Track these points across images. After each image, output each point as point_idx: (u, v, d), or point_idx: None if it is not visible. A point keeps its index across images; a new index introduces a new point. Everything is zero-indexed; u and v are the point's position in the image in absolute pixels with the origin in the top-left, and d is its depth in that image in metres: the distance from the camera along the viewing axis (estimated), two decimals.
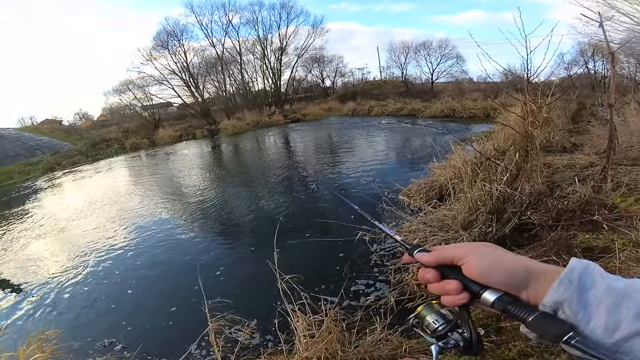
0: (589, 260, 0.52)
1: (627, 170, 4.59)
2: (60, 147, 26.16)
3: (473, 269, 0.57)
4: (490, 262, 0.57)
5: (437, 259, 0.62)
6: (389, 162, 9.52)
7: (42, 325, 3.99)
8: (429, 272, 0.63)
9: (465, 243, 0.62)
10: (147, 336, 3.64)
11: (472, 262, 0.58)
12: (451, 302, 0.60)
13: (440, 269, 0.62)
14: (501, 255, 0.58)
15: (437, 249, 0.65)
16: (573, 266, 0.51)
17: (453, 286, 0.59)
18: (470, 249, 0.60)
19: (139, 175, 13.29)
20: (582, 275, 0.50)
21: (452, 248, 0.62)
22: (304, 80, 36.91)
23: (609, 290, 0.48)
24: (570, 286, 0.49)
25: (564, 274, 0.51)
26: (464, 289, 0.58)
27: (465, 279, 0.58)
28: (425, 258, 0.64)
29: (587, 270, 0.51)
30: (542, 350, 2.22)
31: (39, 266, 5.95)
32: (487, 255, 0.58)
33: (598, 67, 20.21)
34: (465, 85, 26.19)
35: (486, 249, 0.60)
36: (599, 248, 3.18)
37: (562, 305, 0.49)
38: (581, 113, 10.61)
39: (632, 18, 7.05)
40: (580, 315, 0.48)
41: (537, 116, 4.36)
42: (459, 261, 0.59)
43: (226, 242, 5.77)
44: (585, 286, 0.49)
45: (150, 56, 28.40)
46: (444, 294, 0.60)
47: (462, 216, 4.10)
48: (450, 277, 0.60)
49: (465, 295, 0.58)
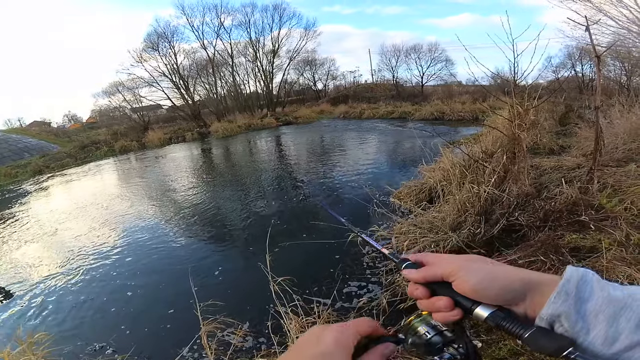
0: (585, 268, 0.51)
1: (613, 172, 4.67)
2: (48, 150, 25.81)
3: (465, 286, 0.55)
4: (482, 278, 0.55)
5: (426, 277, 0.60)
6: (379, 165, 9.57)
7: (32, 328, 3.94)
8: (418, 288, 0.61)
9: (455, 256, 0.61)
10: (139, 340, 3.61)
11: (463, 279, 0.56)
12: (443, 318, 0.57)
13: (430, 285, 0.60)
14: (493, 270, 0.56)
15: (426, 262, 0.63)
16: (569, 276, 0.50)
17: (444, 303, 0.57)
18: (460, 265, 0.58)
19: (128, 178, 13.17)
20: (579, 285, 0.49)
21: (441, 264, 0.60)
22: (296, 83, 36.96)
23: (608, 300, 0.47)
24: (568, 298, 0.48)
25: (561, 286, 0.49)
26: (456, 305, 0.57)
27: (457, 295, 0.57)
28: (413, 275, 0.62)
29: (584, 279, 0.50)
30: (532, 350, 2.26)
31: (28, 270, 5.86)
32: (479, 271, 0.56)
33: (586, 70, 20.62)
34: (454, 88, 26.41)
35: (477, 264, 0.58)
36: (586, 248, 3.23)
37: (560, 318, 0.48)
38: (569, 115, 10.77)
39: (618, 22, 7.20)
40: (579, 326, 0.47)
41: (524, 119, 4.43)
42: (449, 278, 0.58)
43: (218, 244, 5.75)
44: (583, 297, 0.48)
45: (141, 58, 28.10)
46: (435, 311, 0.58)
47: (451, 218, 4.15)
48: (441, 293, 0.59)
49: (458, 311, 0.56)
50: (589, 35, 4.10)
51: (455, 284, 0.57)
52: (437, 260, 0.62)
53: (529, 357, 2.21)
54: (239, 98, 31.55)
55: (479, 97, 18.01)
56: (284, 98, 34.46)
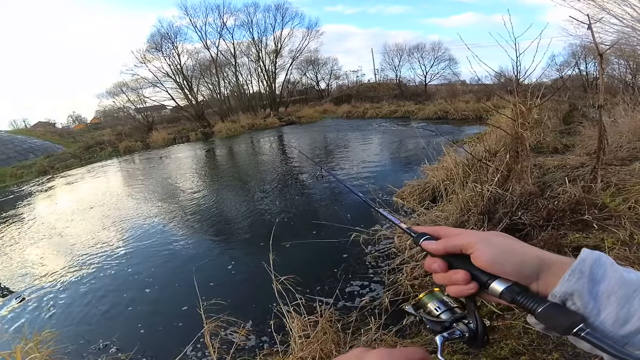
0: (600, 252, 0.51)
1: (617, 170, 4.64)
2: (53, 150, 25.97)
3: (482, 258, 0.55)
4: (500, 251, 0.55)
5: (446, 248, 0.60)
6: (383, 164, 9.57)
7: (39, 327, 3.98)
8: (436, 261, 0.61)
9: (473, 231, 0.61)
10: (142, 338, 3.64)
11: (482, 250, 0.55)
12: (458, 292, 0.57)
13: (447, 258, 0.60)
14: (512, 245, 0.56)
15: (444, 234, 0.63)
16: (585, 257, 0.50)
17: (461, 276, 0.57)
18: (479, 237, 0.58)
19: (133, 179, 13.23)
20: (593, 267, 0.49)
21: (460, 236, 0.60)
22: (299, 83, 37.12)
23: (621, 282, 0.47)
24: (582, 277, 0.48)
25: (575, 265, 0.49)
26: (472, 279, 0.56)
27: (474, 268, 0.56)
28: (432, 246, 0.62)
29: (598, 261, 0.49)
30: (534, 349, 2.26)
31: (34, 270, 5.91)
32: (498, 244, 0.56)
33: (590, 69, 20.46)
34: (458, 87, 26.36)
35: (497, 238, 0.58)
36: (590, 247, 3.19)
37: (573, 297, 0.48)
38: (572, 114, 10.69)
39: (621, 20, 7.15)
40: (590, 307, 0.47)
41: (527, 118, 4.42)
42: (467, 250, 0.57)
43: (222, 244, 5.77)
44: (596, 277, 0.48)
45: (144, 58, 28.24)
46: (451, 284, 0.58)
47: (454, 217, 4.15)
48: (458, 267, 0.58)
49: (474, 285, 0.56)
50: (592, 33, 4.08)
51: (474, 256, 0.56)
52: (456, 232, 0.62)
53: (530, 356, 2.21)
54: (242, 98, 31.64)
55: (483, 96, 17.95)
56: (286, 98, 34.52)
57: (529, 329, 2.38)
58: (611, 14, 7.13)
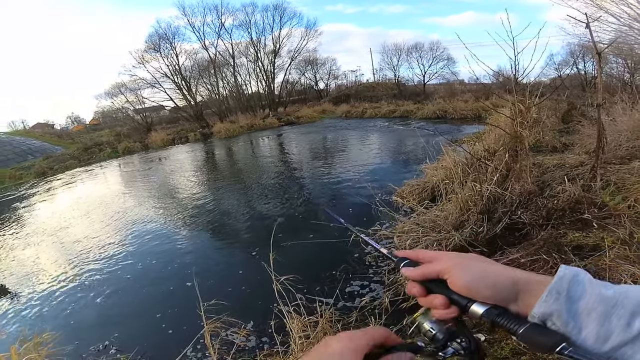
0: (578, 268, 0.52)
1: (616, 169, 4.65)
2: (52, 151, 25.94)
3: (458, 283, 0.57)
4: (475, 276, 0.56)
5: (424, 274, 0.61)
6: (382, 164, 9.57)
7: (38, 328, 3.98)
8: (415, 286, 0.62)
9: (450, 254, 0.62)
10: (142, 339, 3.63)
11: (457, 276, 0.57)
12: (441, 316, 0.59)
13: (426, 283, 0.61)
14: (486, 269, 0.57)
15: (423, 259, 0.65)
16: (562, 275, 0.51)
17: (439, 301, 0.58)
18: (454, 263, 0.59)
19: (132, 179, 13.21)
20: (571, 284, 0.49)
21: (437, 261, 0.61)
22: (298, 83, 37.04)
23: (599, 298, 0.48)
24: (559, 297, 0.49)
25: (553, 285, 0.50)
26: (452, 302, 0.58)
27: (452, 293, 0.58)
28: (410, 273, 0.63)
29: (576, 278, 0.50)
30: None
31: (33, 271, 5.90)
32: (472, 269, 0.57)
33: (588, 68, 20.48)
34: (456, 87, 26.34)
35: (472, 262, 0.59)
36: (589, 246, 3.22)
37: (552, 317, 0.49)
38: (571, 113, 10.68)
39: (619, 19, 7.16)
40: (570, 326, 0.48)
41: (526, 117, 4.42)
42: (443, 275, 0.59)
43: (222, 244, 5.77)
44: (575, 296, 0.49)
45: (142, 59, 28.23)
46: (433, 308, 0.60)
47: (453, 216, 4.14)
48: (436, 291, 0.60)
49: (454, 309, 0.57)
50: (590, 32, 4.09)
51: (450, 281, 0.58)
52: (434, 258, 0.63)
53: (531, 357, 2.21)
54: (241, 98, 31.59)
55: (482, 96, 17.93)
56: (285, 98, 34.47)
57: None
58: (609, 12, 7.14)
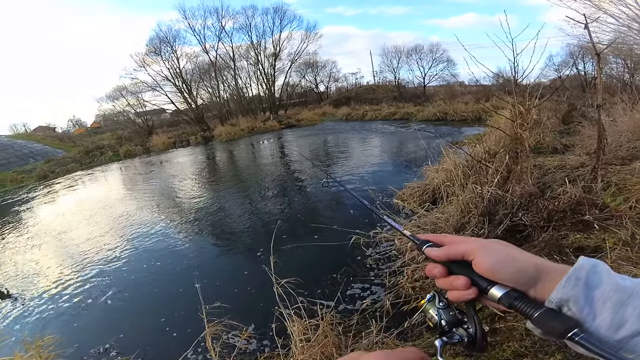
0: (597, 259, 0.53)
1: (617, 170, 4.63)
2: (53, 155, 26.01)
3: (483, 265, 0.57)
4: (500, 259, 0.57)
5: (448, 255, 0.62)
6: (383, 166, 9.56)
7: (39, 331, 3.98)
8: (437, 267, 0.63)
9: (474, 238, 0.63)
10: (143, 342, 3.63)
11: (483, 257, 0.58)
12: (458, 297, 0.59)
13: (448, 264, 0.62)
14: (512, 252, 0.58)
15: (447, 242, 0.66)
16: (581, 264, 0.52)
17: (461, 282, 0.59)
18: (480, 245, 0.60)
19: (134, 183, 13.22)
20: (589, 273, 0.51)
21: (462, 244, 0.62)
22: (298, 86, 37.10)
23: (615, 288, 0.49)
24: (578, 283, 0.50)
25: (572, 272, 0.51)
26: (472, 284, 0.59)
27: (474, 275, 0.58)
28: (435, 253, 0.64)
29: (595, 268, 0.51)
30: (537, 351, 2.25)
31: (35, 274, 5.91)
32: (498, 252, 0.58)
33: (588, 68, 20.45)
34: (457, 89, 26.34)
35: (497, 245, 0.60)
36: (590, 248, 3.21)
37: (569, 302, 0.50)
38: (572, 114, 10.68)
39: (618, 19, 7.16)
40: (585, 312, 0.49)
41: (526, 118, 4.41)
42: (469, 256, 0.59)
43: (223, 248, 5.77)
44: (592, 284, 0.50)
45: (143, 62, 28.31)
46: (452, 289, 0.61)
47: (454, 219, 4.14)
48: (459, 273, 0.60)
49: (474, 290, 0.58)
50: (588, 33, 4.09)
51: (475, 262, 0.59)
52: (458, 240, 0.64)
53: (533, 358, 2.20)
54: (241, 101, 31.64)
55: (482, 97, 17.93)
56: (286, 101, 34.52)
57: (530, 331, 2.37)
58: (608, 13, 7.15)
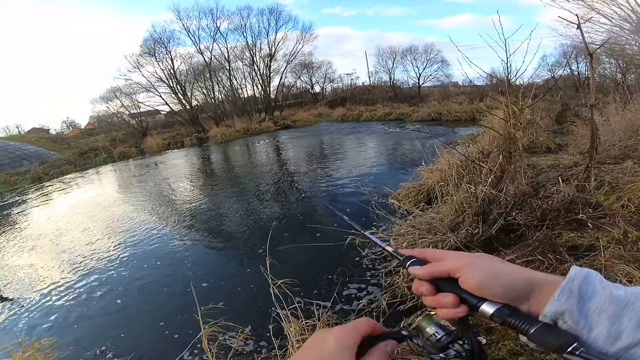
0: (589, 269, 0.52)
1: (610, 169, 4.67)
2: (47, 157, 25.84)
3: (470, 282, 0.55)
4: (488, 274, 0.55)
5: (432, 273, 0.60)
6: (378, 167, 9.58)
7: (37, 334, 3.97)
8: (423, 285, 0.61)
9: (458, 253, 0.61)
10: (139, 344, 3.62)
11: (470, 274, 0.56)
12: (449, 315, 0.57)
13: (435, 282, 0.60)
14: (499, 268, 0.57)
15: (430, 257, 0.63)
16: (573, 275, 0.51)
17: (450, 299, 0.57)
18: (467, 261, 0.58)
19: (128, 185, 13.16)
20: (582, 285, 0.50)
21: (447, 260, 0.60)
22: (294, 87, 37.03)
23: (610, 299, 0.48)
24: (571, 296, 0.49)
25: (564, 284, 0.50)
26: (461, 302, 0.57)
27: (462, 292, 0.57)
28: (419, 272, 0.61)
29: (587, 279, 0.50)
30: (532, 349, 2.26)
31: (30, 277, 5.87)
32: (485, 267, 0.56)
33: (581, 68, 20.66)
34: (451, 89, 26.48)
35: (484, 261, 0.58)
36: (584, 246, 3.23)
37: (563, 316, 0.49)
38: (565, 114, 10.75)
39: (610, 19, 7.24)
40: (581, 325, 0.48)
41: (520, 118, 4.45)
42: (455, 274, 0.58)
43: (219, 249, 5.76)
44: (586, 296, 0.49)
45: (138, 63, 28.17)
46: (440, 307, 0.58)
47: (449, 218, 4.16)
48: (446, 290, 0.59)
49: (463, 308, 0.56)
50: (581, 33, 4.13)
51: (462, 279, 0.57)
52: (443, 256, 0.62)
53: (528, 357, 2.21)
54: (236, 102, 31.53)
55: (476, 98, 18.04)
56: (281, 102, 34.41)
57: None
58: (601, 13, 7.23)
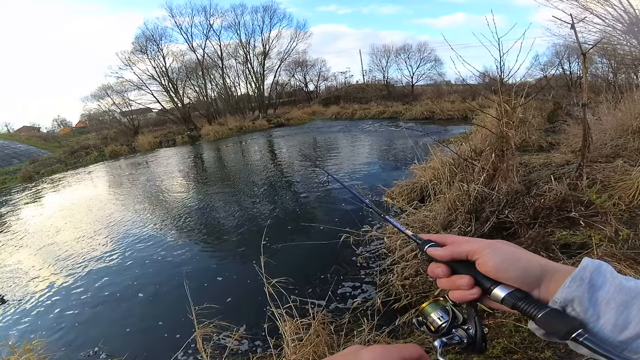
0: (601, 260, 0.53)
1: (602, 167, 4.72)
2: (38, 155, 25.53)
3: (489, 264, 0.56)
4: (505, 259, 0.56)
5: (452, 254, 0.61)
6: (372, 165, 9.60)
7: (28, 335, 3.92)
8: (440, 267, 0.62)
9: (478, 238, 0.62)
10: (133, 344, 3.60)
11: (488, 257, 0.57)
12: (461, 297, 0.59)
13: (452, 264, 0.61)
14: (516, 252, 0.58)
15: (450, 242, 0.64)
16: (585, 265, 0.52)
17: (465, 281, 0.58)
18: (485, 244, 0.59)
19: (119, 184, 13.03)
20: (594, 274, 0.50)
21: (466, 243, 0.61)
22: (287, 85, 36.91)
23: (619, 289, 0.49)
24: (582, 284, 0.50)
25: (576, 272, 0.51)
26: (475, 284, 0.58)
27: (478, 274, 0.58)
28: (439, 253, 0.63)
29: (599, 269, 0.51)
30: (526, 347, 2.28)
31: (21, 278, 5.79)
32: (503, 252, 0.57)
33: (573, 68, 20.84)
34: (443, 88, 26.63)
35: (502, 245, 0.59)
36: (577, 244, 3.26)
37: (573, 303, 0.50)
38: (557, 113, 10.85)
39: (603, 19, 7.31)
40: (590, 313, 0.49)
41: (512, 117, 4.47)
42: (473, 256, 0.59)
43: (212, 248, 5.73)
44: (596, 285, 0.50)
45: (129, 61, 27.86)
46: (455, 289, 0.60)
47: (442, 216, 4.17)
48: (462, 272, 0.60)
49: (477, 290, 0.57)
50: (575, 33, 4.16)
51: (479, 262, 0.58)
52: (461, 240, 0.63)
53: (523, 354, 2.23)
54: (229, 100, 31.37)
55: (468, 96, 18.12)
56: (275, 100, 34.29)
57: (520, 327, 2.41)
58: (594, 13, 7.30)
